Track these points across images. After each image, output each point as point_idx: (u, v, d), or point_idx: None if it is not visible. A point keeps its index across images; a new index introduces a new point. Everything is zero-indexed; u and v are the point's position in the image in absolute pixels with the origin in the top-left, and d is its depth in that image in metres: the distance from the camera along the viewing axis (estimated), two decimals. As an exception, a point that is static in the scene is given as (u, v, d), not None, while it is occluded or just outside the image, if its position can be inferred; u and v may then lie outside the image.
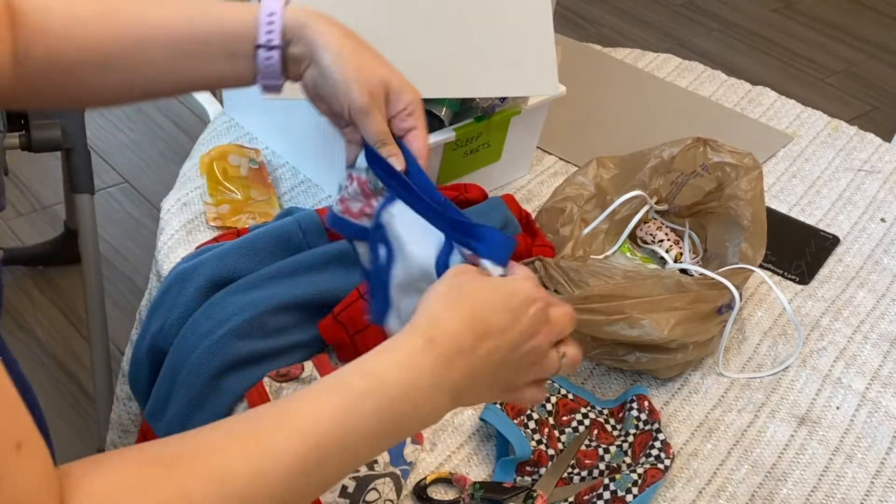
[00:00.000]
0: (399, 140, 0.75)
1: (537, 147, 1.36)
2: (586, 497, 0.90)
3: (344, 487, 0.88)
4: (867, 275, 1.27)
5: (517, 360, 0.63)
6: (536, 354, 0.64)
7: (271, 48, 0.74)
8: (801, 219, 1.35)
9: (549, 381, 1.02)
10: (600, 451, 0.97)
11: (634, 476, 0.90)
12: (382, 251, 0.74)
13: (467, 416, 1.00)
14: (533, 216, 1.18)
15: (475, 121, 1.18)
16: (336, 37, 0.75)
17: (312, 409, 0.56)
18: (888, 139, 1.57)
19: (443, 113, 1.16)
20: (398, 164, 0.74)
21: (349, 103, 0.74)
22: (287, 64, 0.75)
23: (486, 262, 0.67)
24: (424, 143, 0.76)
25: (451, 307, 0.62)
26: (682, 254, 1.19)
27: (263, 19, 0.74)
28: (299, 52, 0.75)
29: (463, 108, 1.19)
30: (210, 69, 0.76)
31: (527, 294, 0.64)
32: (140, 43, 0.74)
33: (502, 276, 0.67)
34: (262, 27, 0.74)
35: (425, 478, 0.92)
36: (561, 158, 1.40)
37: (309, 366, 0.98)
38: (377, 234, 0.74)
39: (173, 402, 0.99)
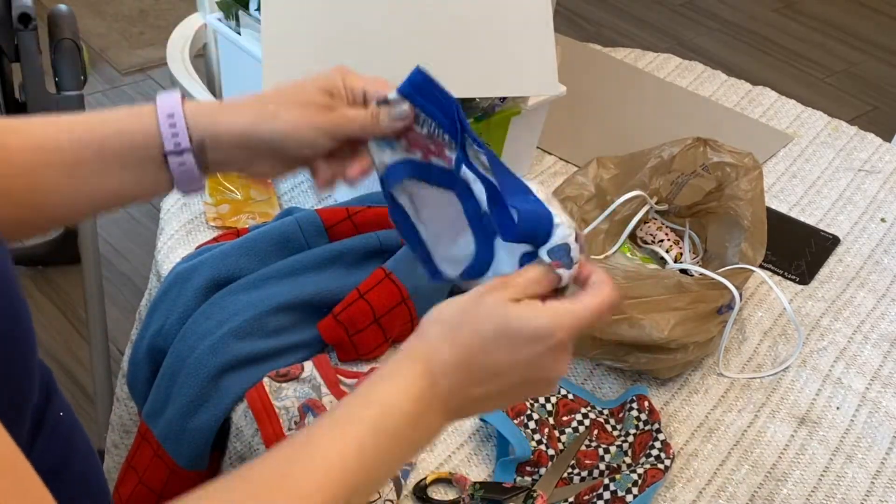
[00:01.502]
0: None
1: (537, 147, 1.36)
2: (586, 497, 0.90)
3: (344, 488, 0.88)
4: (867, 275, 1.27)
5: (515, 393, 0.63)
6: (536, 388, 0.64)
7: (181, 153, 0.67)
8: (802, 219, 1.35)
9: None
10: (600, 452, 0.96)
11: (634, 476, 0.90)
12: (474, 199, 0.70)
13: (467, 417, 1.00)
14: (533, 216, 1.18)
15: (475, 121, 1.18)
16: (250, 109, 0.69)
17: (333, 449, 0.56)
18: (888, 139, 1.56)
19: (443, 113, 1.16)
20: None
21: (316, 136, 0.69)
22: (204, 162, 0.68)
23: (562, 271, 0.63)
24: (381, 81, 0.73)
25: (450, 337, 0.60)
26: (682, 254, 1.19)
27: (164, 122, 0.67)
28: (218, 150, 0.68)
29: (463, 108, 1.19)
30: (122, 183, 0.68)
31: (536, 334, 0.60)
32: (33, 168, 0.66)
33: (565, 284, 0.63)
34: (165, 132, 0.67)
35: (425, 478, 0.92)
36: (561, 158, 1.40)
37: (309, 366, 0.98)
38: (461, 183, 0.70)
39: (172, 402, 0.99)
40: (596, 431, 0.98)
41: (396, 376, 0.59)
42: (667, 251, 1.18)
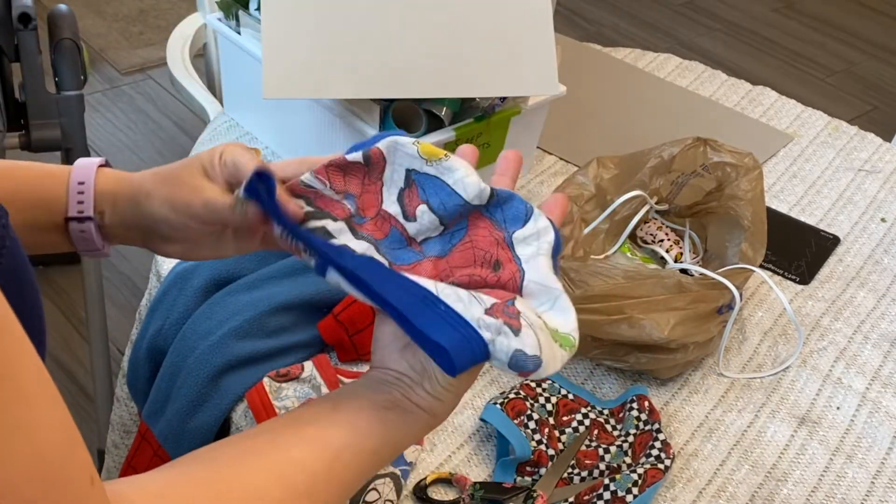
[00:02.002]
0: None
1: (537, 147, 1.36)
2: (586, 497, 0.90)
3: (344, 488, 0.88)
4: (867, 275, 1.27)
5: None
6: None
7: (82, 220, 0.67)
8: (802, 219, 1.35)
9: (550, 381, 1.02)
10: (600, 452, 0.96)
11: (635, 476, 0.90)
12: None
13: (467, 417, 1.00)
14: (533, 216, 1.18)
15: (475, 121, 1.18)
16: (148, 185, 0.67)
17: (300, 466, 0.56)
18: (888, 139, 1.57)
19: (443, 113, 1.16)
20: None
21: (199, 209, 0.65)
22: (107, 234, 0.68)
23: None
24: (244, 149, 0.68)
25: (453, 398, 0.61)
26: (682, 254, 1.19)
27: (74, 189, 0.67)
28: (119, 222, 0.68)
29: (463, 108, 1.19)
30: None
31: None
32: None
33: None
34: (72, 198, 0.67)
35: (425, 478, 0.92)
36: (561, 158, 1.40)
37: (309, 366, 0.98)
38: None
39: (172, 402, 0.99)
40: (596, 431, 0.98)
41: (365, 399, 0.60)
42: (667, 251, 1.18)
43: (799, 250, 1.29)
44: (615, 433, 0.99)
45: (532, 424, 0.96)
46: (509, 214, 0.64)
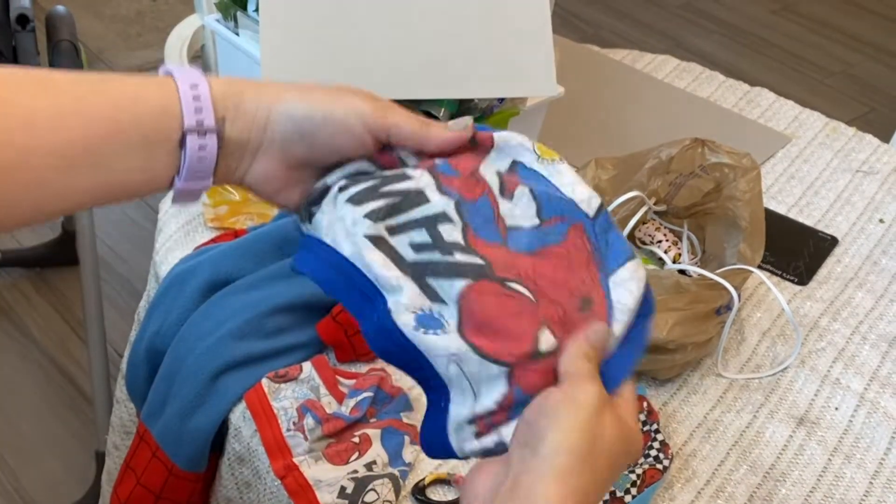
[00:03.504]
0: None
1: (536, 148, 1.36)
2: (585, 498, 0.90)
3: (343, 488, 0.88)
4: (865, 275, 1.27)
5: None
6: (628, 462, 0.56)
7: (204, 132, 0.54)
8: (800, 220, 1.35)
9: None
10: (599, 452, 0.96)
11: (633, 476, 0.90)
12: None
13: (466, 417, 0.99)
14: (531, 217, 1.18)
15: (474, 121, 1.18)
16: (281, 86, 0.57)
17: None
18: (886, 140, 1.57)
19: (441, 114, 1.16)
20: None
21: (356, 111, 0.57)
22: (224, 152, 0.56)
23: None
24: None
25: (599, 453, 0.51)
26: (680, 254, 1.19)
27: (187, 94, 0.54)
28: (239, 131, 0.55)
29: (461, 109, 1.19)
30: (114, 173, 0.53)
31: (639, 446, 0.55)
32: (24, 152, 0.50)
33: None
34: (187, 105, 0.54)
35: (424, 478, 0.92)
36: (559, 159, 1.40)
37: (307, 367, 0.98)
38: None
39: (171, 403, 0.99)
40: (594, 432, 0.98)
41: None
42: (665, 252, 1.18)
43: (797, 251, 1.29)
44: (614, 434, 0.99)
45: (531, 425, 0.96)
46: (613, 245, 0.57)
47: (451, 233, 0.55)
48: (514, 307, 0.54)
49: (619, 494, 0.89)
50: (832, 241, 1.32)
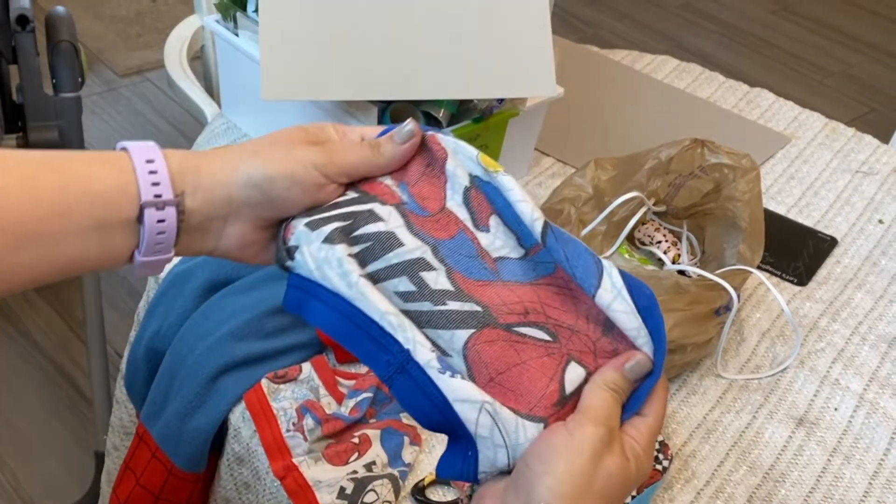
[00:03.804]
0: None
1: (535, 149, 1.36)
2: (584, 498, 0.90)
3: (342, 489, 0.88)
4: (865, 276, 1.27)
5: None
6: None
7: (162, 205, 0.52)
8: (800, 220, 1.35)
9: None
10: (598, 453, 0.96)
11: (633, 477, 0.90)
12: None
13: (465, 418, 0.99)
14: (531, 217, 1.18)
15: (473, 122, 1.18)
16: (235, 154, 0.56)
17: None
18: (886, 141, 1.57)
19: (441, 114, 1.16)
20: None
21: (343, 168, 0.57)
22: (182, 228, 0.54)
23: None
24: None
25: (591, 499, 0.51)
26: (679, 255, 1.19)
27: (143, 169, 0.52)
28: (201, 204, 0.54)
29: (461, 110, 1.19)
30: (68, 251, 0.52)
31: (642, 477, 0.54)
32: None
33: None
34: (143, 180, 0.52)
35: (423, 479, 0.92)
36: (559, 160, 1.40)
37: (307, 367, 0.98)
38: None
39: (171, 403, 0.99)
40: (594, 433, 0.98)
41: None
42: (665, 252, 1.18)
43: (797, 252, 1.29)
44: (613, 434, 0.99)
45: (530, 426, 0.96)
46: (575, 263, 0.52)
47: (437, 279, 0.53)
48: (529, 353, 0.52)
49: (618, 495, 0.89)
50: (832, 242, 1.32)
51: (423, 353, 0.49)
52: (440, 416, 0.50)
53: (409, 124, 0.58)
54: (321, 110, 1.18)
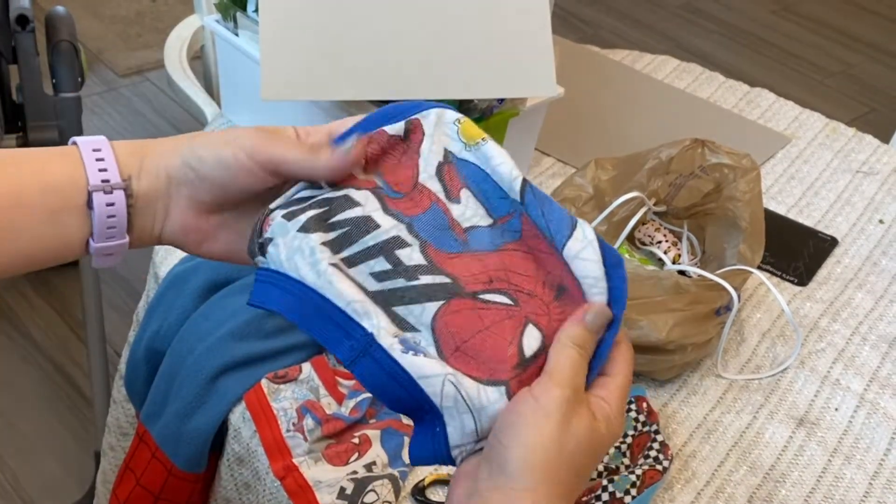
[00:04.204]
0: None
1: (535, 149, 1.36)
2: (585, 498, 0.90)
3: (342, 489, 0.88)
4: (865, 276, 1.27)
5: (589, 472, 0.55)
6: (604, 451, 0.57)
7: (110, 190, 0.55)
8: (800, 220, 1.35)
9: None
10: (599, 453, 0.96)
11: (633, 477, 0.90)
12: None
13: (465, 418, 0.99)
14: (531, 218, 1.18)
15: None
16: (178, 140, 0.59)
17: None
18: (886, 141, 1.57)
19: (441, 114, 1.16)
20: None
21: (244, 151, 0.57)
22: (133, 214, 0.57)
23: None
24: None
25: (564, 464, 0.51)
26: (680, 255, 1.19)
27: (90, 157, 0.56)
28: (147, 186, 0.57)
29: (461, 110, 1.18)
30: (25, 242, 0.55)
31: (618, 433, 0.55)
32: None
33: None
34: (90, 167, 0.55)
35: (423, 479, 0.92)
36: (559, 160, 1.40)
37: (307, 367, 0.98)
38: None
39: (170, 403, 0.99)
40: (594, 433, 0.98)
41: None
42: (665, 252, 1.18)
43: (797, 252, 1.29)
44: (613, 434, 0.98)
45: (530, 426, 0.96)
46: (551, 218, 0.55)
47: (411, 255, 0.54)
48: (492, 318, 0.53)
49: (618, 495, 0.89)
50: (832, 242, 1.32)
51: (387, 338, 0.51)
52: (406, 393, 0.51)
53: (350, 143, 0.58)
54: (321, 110, 1.17)
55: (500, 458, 0.51)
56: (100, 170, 0.55)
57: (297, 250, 0.54)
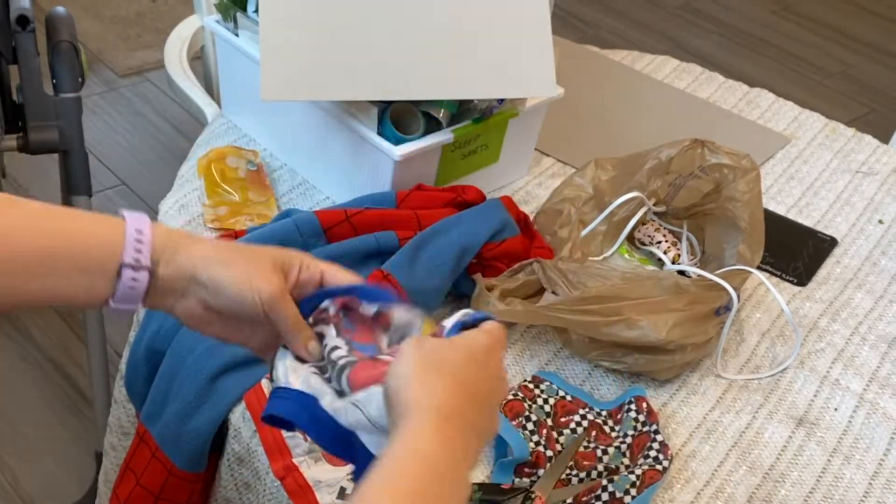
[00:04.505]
0: (327, 291, 0.71)
1: (535, 149, 1.36)
2: (585, 498, 0.90)
3: (342, 489, 0.88)
4: (865, 276, 1.27)
5: (492, 402, 0.66)
6: (500, 390, 0.67)
7: (138, 268, 0.65)
8: (799, 220, 1.35)
9: (548, 382, 1.02)
10: (598, 453, 0.96)
11: (633, 477, 0.90)
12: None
13: (465, 418, 0.99)
14: (531, 218, 1.18)
15: (473, 122, 1.18)
16: (211, 247, 0.69)
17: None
18: (885, 141, 1.57)
19: (441, 115, 1.16)
20: (311, 352, 0.70)
21: (259, 297, 0.67)
22: (152, 288, 0.67)
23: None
24: (343, 272, 0.72)
25: (437, 378, 0.61)
26: (679, 255, 1.19)
27: (131, 236, 0.65)
28: (170, 274, 0.67)
29: (461, 110, 1.19)
30: (58, 286, 0.65)
31: (483, 345, 0.65)
32: None
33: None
34: (129, 245, 0.65)
35: (423, 479, 0.92)
36: (559, 160, 1.40)
37: (307, 367, 0.98)
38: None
39: (171, 403, 0.99)
40: (594, 432, 0.98)
41: (422, 428, 0.59)
42: (665, 252, 1.18)
43: (796, 252, 1.29)
44: (613, 434, 0.99)
45: (530, 426, 0.96)
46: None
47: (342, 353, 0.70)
48: (373, 363, 0.68)
49: (618, 495, 0.89)
50: (831, 242, 1.32)
51: (327, 402, 0.66)
52: (335, 433, 0.65)
53: (317, 350, 0.70)
54: (321, 110, 1.18)
55: (392, 403, 0.61)
56: (136, 249, 0.65)
57: (292, 370, 0.69)
